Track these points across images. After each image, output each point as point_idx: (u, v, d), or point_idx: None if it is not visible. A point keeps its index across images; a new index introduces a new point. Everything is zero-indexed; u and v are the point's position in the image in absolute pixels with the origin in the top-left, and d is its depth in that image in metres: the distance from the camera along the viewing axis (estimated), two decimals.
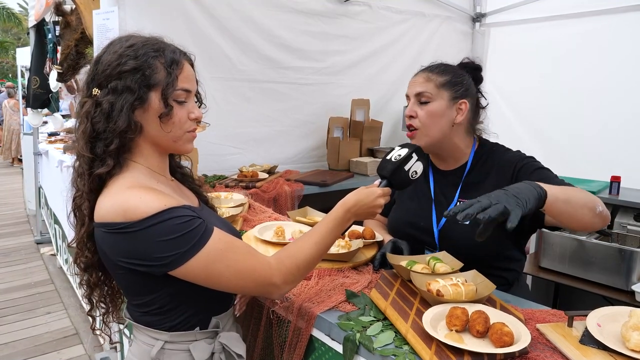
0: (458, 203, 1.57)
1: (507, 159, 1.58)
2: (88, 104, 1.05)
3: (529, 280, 2.95)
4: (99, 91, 1.04)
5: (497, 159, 1.61)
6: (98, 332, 1.23)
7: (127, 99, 1.02)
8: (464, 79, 1.60)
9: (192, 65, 1.15)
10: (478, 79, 1.66)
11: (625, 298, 2.42)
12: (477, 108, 1.66)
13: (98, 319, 1.21)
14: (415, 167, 1.32)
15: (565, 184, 1.39)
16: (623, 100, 3.46)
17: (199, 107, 1.19)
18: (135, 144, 1.08)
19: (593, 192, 2.77)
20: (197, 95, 1.19)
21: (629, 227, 2.70)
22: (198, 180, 1.32)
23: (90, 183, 1.04)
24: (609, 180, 2.82)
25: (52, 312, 3.82)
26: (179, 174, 1.26)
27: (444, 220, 1.60)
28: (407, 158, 1.31)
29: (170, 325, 1.09)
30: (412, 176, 1.33)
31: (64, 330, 3.51)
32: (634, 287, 2.35)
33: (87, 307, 1.18)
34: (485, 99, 1.69)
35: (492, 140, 1.72)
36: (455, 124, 1.58)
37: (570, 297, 3.00)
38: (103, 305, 1.18)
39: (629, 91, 3.42)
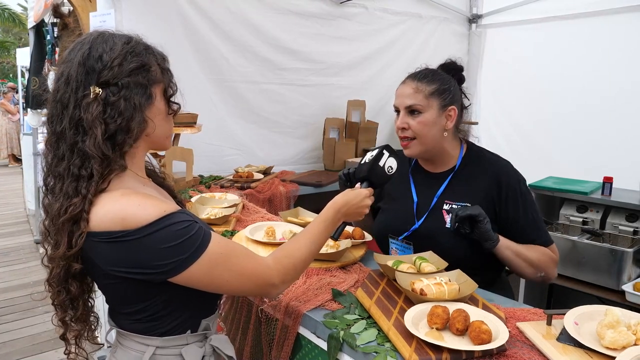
0: (445, 205, 1.63)
1: (500, 173, 1.62)
2: (96, 105, 0.98)
3: (522, 280, 2.97)
4: (101, 90, 0.99)
5: (487, 166, 1.65)
6: (73, 357, 1.14)
7: (141, 96, 1.01)
8: (450, 85, 1.63)
9: None
10: (461, 80, 1.70)
11: (616, 298, 2.44)
12: (461, 110, 1.69)
13: (72, 343, 1.13)
14: (389, 162, 1.37)
15: (543, 232, 1.62)
16: (618, 101, 3.48)
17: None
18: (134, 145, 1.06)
19: (585, 193, 2.82)
20: None
21: (620, 227, 2.71)
22: (162, 173, 1.29)
23: (100, 185, 0.99)
24: (602, 181, 2.84)
25: (51, 311, 3.78)
26: (145, 169, 1.21)
27: (419, 221, 1.64)
28: (379, 155, 1.37)
29: (163, 331, 1.08)
30: (388, 171, 1.37)
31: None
32: (624, 287, 2.38)
33: (60, 331, 1.11)
34: (469, 99, 1.73)
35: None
36: (446, 130, 1.62)
37: (566, 298, 3.02)
38: (77, 327, 1.11)
39: (624, 92, 3.44)
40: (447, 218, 1.61)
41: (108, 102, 0.99)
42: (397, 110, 1.66)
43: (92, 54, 1.01)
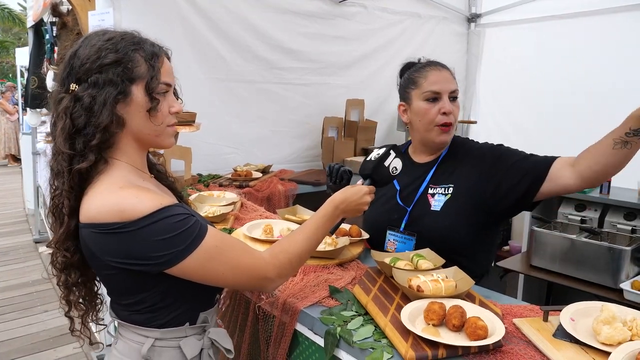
0: (430, 189, 1.66)
1: (483, 147, 1.68)
2: (66, 100, 1.02)
3: (521, 278, 2.98)
4: (77, 86, 1.02)
5: (470, 150, 1.69)
6: (77, 334, 1.19)
7: (109, 93, 1.01)
8: None
9: (169, 59, 1.14)
10: None
11: (614, 296, 2.43)
12: None
13: (77, 321, 1.18)
14: (395, 163, 1.37)
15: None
16: (616, 100, 3.47)
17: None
18: (116, 140, 1.06)
19: (583, 192, 2.82)
20: (175, 89, 1.18)
21: (618, 226, 2.72)
22: (172, 177, 1.31)
23: (70, 180, 1.02)
24: None
25: (50, 310, 3.84)
26: (155, 170, 1.25)
27: (410, 208, 1.66)
28: (386, 155, 1.37)
29: (161, 323, 1.09)
30: (392, 172, 1.38)
31: (61, 328, 3.53)
32: (622, 285, 2.38)
33: (65, 309, 1.17)
34: None
35: None
36: None
37: (564, 296, 3.02)
38: (82, 307, 1.17)
39: (623, 91, 3.44)
40: (432, 201, 1.63)
41: (77, 98, 1.02)
42: (433, 98, 1.62)
43: (76, 53, 1.05)
